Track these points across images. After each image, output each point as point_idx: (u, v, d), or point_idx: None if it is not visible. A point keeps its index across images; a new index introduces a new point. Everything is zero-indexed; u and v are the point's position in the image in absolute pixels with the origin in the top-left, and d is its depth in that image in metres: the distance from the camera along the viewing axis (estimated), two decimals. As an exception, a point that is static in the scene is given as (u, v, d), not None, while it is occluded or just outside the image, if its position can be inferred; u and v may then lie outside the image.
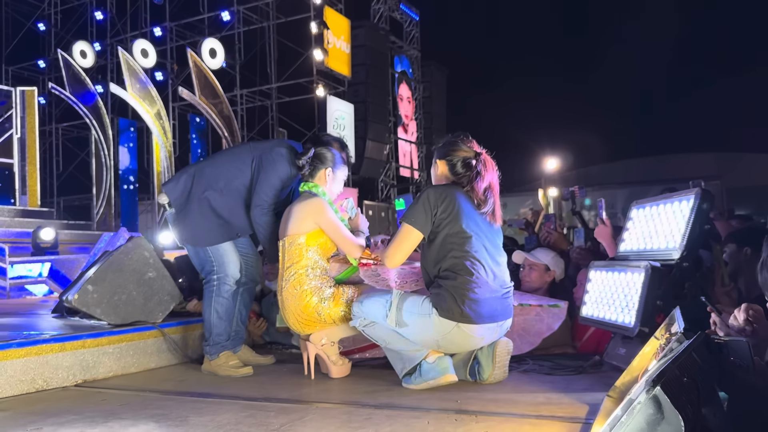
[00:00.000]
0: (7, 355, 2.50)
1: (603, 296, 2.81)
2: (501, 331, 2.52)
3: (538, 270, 3.51)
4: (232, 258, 3.00)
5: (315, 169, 2.96)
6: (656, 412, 0.99)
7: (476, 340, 2.45)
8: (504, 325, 2.53)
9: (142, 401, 2.41)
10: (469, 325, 2.39)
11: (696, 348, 1.18)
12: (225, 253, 2.99)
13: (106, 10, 17.22)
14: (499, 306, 2.47)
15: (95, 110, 13.99)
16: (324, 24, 14.50)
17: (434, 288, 2.47)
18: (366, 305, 2.58)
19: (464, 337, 2.42)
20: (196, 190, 2.99)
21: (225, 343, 2.98)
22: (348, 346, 2.86)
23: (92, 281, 3.03)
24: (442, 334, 2.43)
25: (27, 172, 10.50)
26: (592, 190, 21.91)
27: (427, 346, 2.48)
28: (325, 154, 2.96)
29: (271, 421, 2.03)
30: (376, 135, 15.78)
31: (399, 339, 2.52)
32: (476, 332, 2.42)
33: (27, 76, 17.89)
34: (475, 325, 2.39)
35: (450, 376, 2.45)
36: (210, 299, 2.97)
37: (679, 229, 2.50)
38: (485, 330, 2.43)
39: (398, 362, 2.55)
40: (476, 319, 2.39)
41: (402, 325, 2.47)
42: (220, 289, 2.97)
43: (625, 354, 2.58)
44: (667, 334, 1.71)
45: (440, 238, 2.48)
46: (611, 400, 1.71)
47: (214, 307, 2.96)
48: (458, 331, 2.41)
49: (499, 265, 2.55)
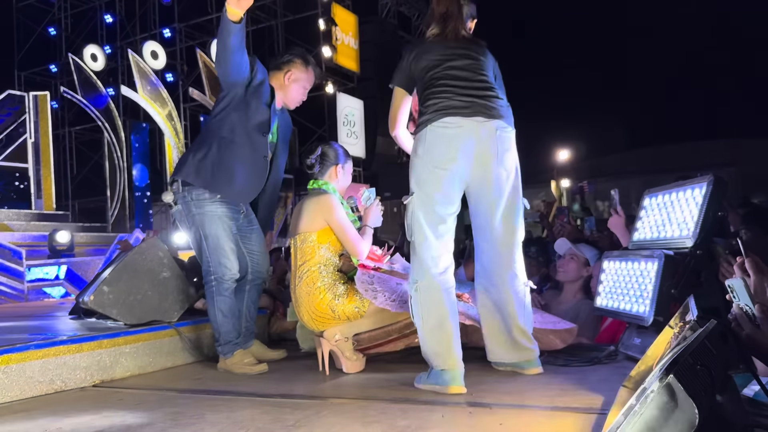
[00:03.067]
0: (25, 356, 2.53)
1: (617, 286, 2.80)
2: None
3: (578, 262, 3.53)
4: (228, 258, 2.91)
5: (325, 167, 2.97)
6: (670, 400, 0.99)
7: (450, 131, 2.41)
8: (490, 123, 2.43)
9: (158, 400, 2.44)
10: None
11: (709, 335, 1.17)
12: (222, 253, 2.90)
13: (115, 13, 17.32)
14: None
15: (107, 113, 14.11)
16: (332, 20, 14.51)
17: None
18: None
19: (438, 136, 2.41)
20: (203, 150, 2.91)
21: (236, 340, 2.96)
22: (364, 343, 2.86)
23: (108, 282, 3.06)
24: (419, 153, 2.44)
25: (42, 175, 10.62)
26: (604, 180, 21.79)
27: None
28: (333, 149, 2.98)
29: (287, 417, 2.04)
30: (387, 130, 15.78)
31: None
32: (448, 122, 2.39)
33: (39, 81, 18.05)
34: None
35: (457, 388, 2.27)
36: (212, 299, 2.93)
37: (692, 217, 2.48)
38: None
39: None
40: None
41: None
42: (219, 289, 2.92)
43: (640, 344, 2.57)
44: (681, 322, 1.70)
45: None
46: (626, 390, 1.70)
47: (218, 307, 2.92)
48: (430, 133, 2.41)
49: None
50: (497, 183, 2.46)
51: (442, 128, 2.40)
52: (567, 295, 3.60)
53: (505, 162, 2.47)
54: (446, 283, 2.42)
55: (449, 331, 2.36)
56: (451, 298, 2.41)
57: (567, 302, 3.56)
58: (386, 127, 2.79)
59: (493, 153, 2.43)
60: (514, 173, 2.52)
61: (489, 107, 2.45)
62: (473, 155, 2.41)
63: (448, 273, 2.44)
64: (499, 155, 2.44)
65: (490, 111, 2.45)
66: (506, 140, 2.48)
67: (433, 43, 2.59)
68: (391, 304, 2.69)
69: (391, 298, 2.72)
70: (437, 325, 2.37)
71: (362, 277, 2.77)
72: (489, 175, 2.45)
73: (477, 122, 2.41)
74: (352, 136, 15.12)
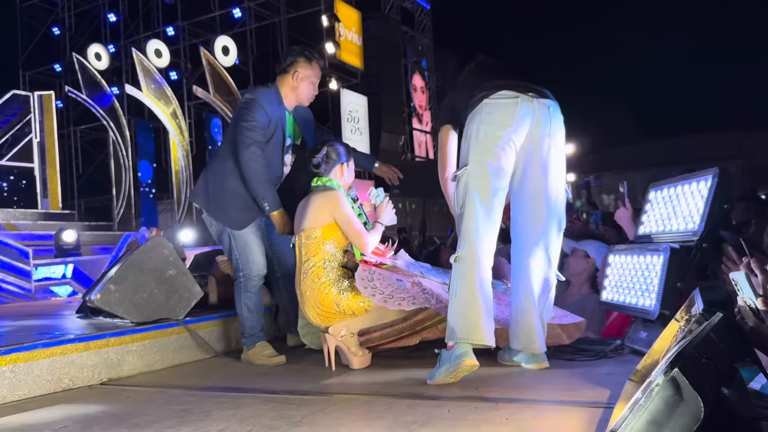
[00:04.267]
0: (33, 355, 2.55)
1: (623, 280, 2.79)
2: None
3: (577, 256, 3.55)
4: (256, 256, 3.08)
5: (331, 165, 2.98)
6: (675, 393, 0.98)
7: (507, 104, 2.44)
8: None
9: (165, 397, 2.45)
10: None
11: (715, 328, 1.17)
12: (250, 251, 3.07)
13: (118, 11, 17.36)
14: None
15: (112, 112, 14.14)
16: (335, 17, 14.50)
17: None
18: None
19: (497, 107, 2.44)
20: (210, 183, 3.10)
21: (259, 333, 3.10)
22: (376, 341, 2.86)
23: (114, 281, 3.07)
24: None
25: (47, 175, 10.65)
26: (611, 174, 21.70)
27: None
28: (337, 149, 2.98)
29: (293, 413, 2.05)
30: (391, 126, 15.77)
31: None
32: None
33: (44, 81, 18.13)
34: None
35: (470, 360, 2.27)
36: (239, 295, 3.10)
37: (698, 210, 2.47)
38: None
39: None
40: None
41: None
42: (246, 285, 3.08)
43: (647, 338, 2.56)
44: (687, 316, 1.70)
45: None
46: (633, 383, 1.70)
47: (244, 302, 3.08)
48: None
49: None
50: (546, 159, 2.49)
51: (498, 99, 2.45)
52: (573, 289, 3.60)
53: (556, 140, 2.51)
54: (486, 260, 2.41)
55: (480, 306, 2.35)
56: (487, 275, 2.41)
57: (573, 296, 3.56)
58: (390, 123, 2.80)
59: (546, 128, 2.47)
60: (563, 155, 2.56)
61: (541, 90, 2.53)
62: (528, 127, 2.45)
63: (490, 252, 2.44)
64: (552, 131, 2.49)
65: (542, 93, 2.52)
66: (558, 119, 2.53)
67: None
68: (390, 302, 2.69)
69: (389, 296, 2.71)
70: (469, 297, 2.35)
71: (362, 274, 2.77)
72: (539, 150, 2.48)
73: (531, 97, 2.46)
74: (356, 132, 15.12)
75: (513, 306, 2.58)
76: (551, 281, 2.55)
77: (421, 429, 1.80)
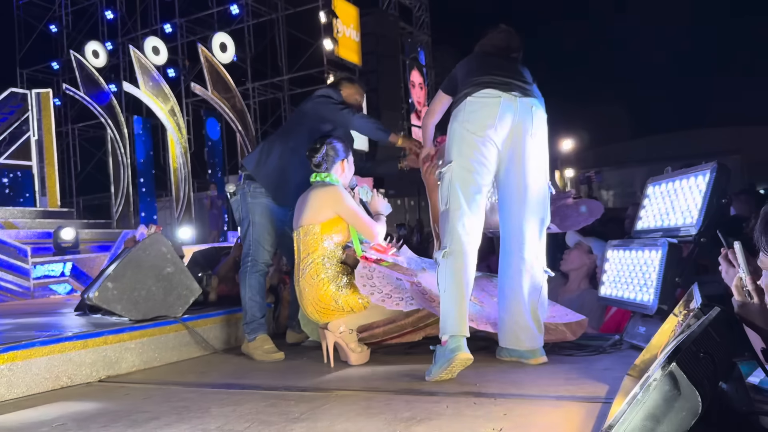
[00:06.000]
0: (31, 353, 2.54)
1: (621, 275, 2.79)
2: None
3: (580, 250, 3.56)
4: (267, 246, 3.18)
5: (332, 163, 2.97)
6: (672, 388, 0.98)
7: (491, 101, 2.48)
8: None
9: (164, 394, 2.45)
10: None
11: (712, 323, 1.16)
12: (263, 241, 3.16)
13: (116, 8, 17.31)
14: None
15: (110, 109, 14.11)
16: (333, 13, 14.47)
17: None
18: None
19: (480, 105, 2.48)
20: (271, 153, 3.20)
21: (261, 320, 3.12)
22: (379, 337, 2.86)
23: (112, 278, 3.07)
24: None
25: (46, 173, 10.62)
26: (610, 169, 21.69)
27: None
28: (336, 147, 2.97)
29: (292, 409, 2.05)
30: (389, 123, 15.75)
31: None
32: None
33: (41, 78, 18.08)
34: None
35: (464, 354, 2.28)
36: (245, 277, 3.15)
37: (696, 205, 2.47)
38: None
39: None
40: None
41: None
42: (254, 268, 3.15)
43: (645, 332, 2.57)
44: (685, 310, 1.70)
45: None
46: (631, 378, 1.70)
47: (248, 283, 3.14)
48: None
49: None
50: (527, 157, 2.52)
51: (482, 97, 2.49)
52: (572, 284, 3.60)
53: (537, 138, 2.54)
54: (472, 254, 2.45)
55: (465, 299, 2.39)
56: (472, 270, 2.45)
57: (572, 291, 3.56)
58: (388, 119, 2.82)
59: (527, 127, 2.51)
60: (545, 153, 2.59)
61: (525, 88, 2.56)
62: (510, 125, 2.49)
63: (475, 246, 2.47)
64: (534, 131, 2.52)
65: (526, 91, 2.55)
66: (541, 119, 2.56)
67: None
68: (388, 301, 2.68)
69: (388, 295, 2.71)
70: (457, 291, 2.38)
71: (362, 271, 2.77)
72: (520, 148, 2.51)
73: (514, 96, 2.49)
74: (355, 128, 15.08)
75: (500, 305, 2.61)
76: (538, 277, 2.56)
77: (419, 425, 1.80)
